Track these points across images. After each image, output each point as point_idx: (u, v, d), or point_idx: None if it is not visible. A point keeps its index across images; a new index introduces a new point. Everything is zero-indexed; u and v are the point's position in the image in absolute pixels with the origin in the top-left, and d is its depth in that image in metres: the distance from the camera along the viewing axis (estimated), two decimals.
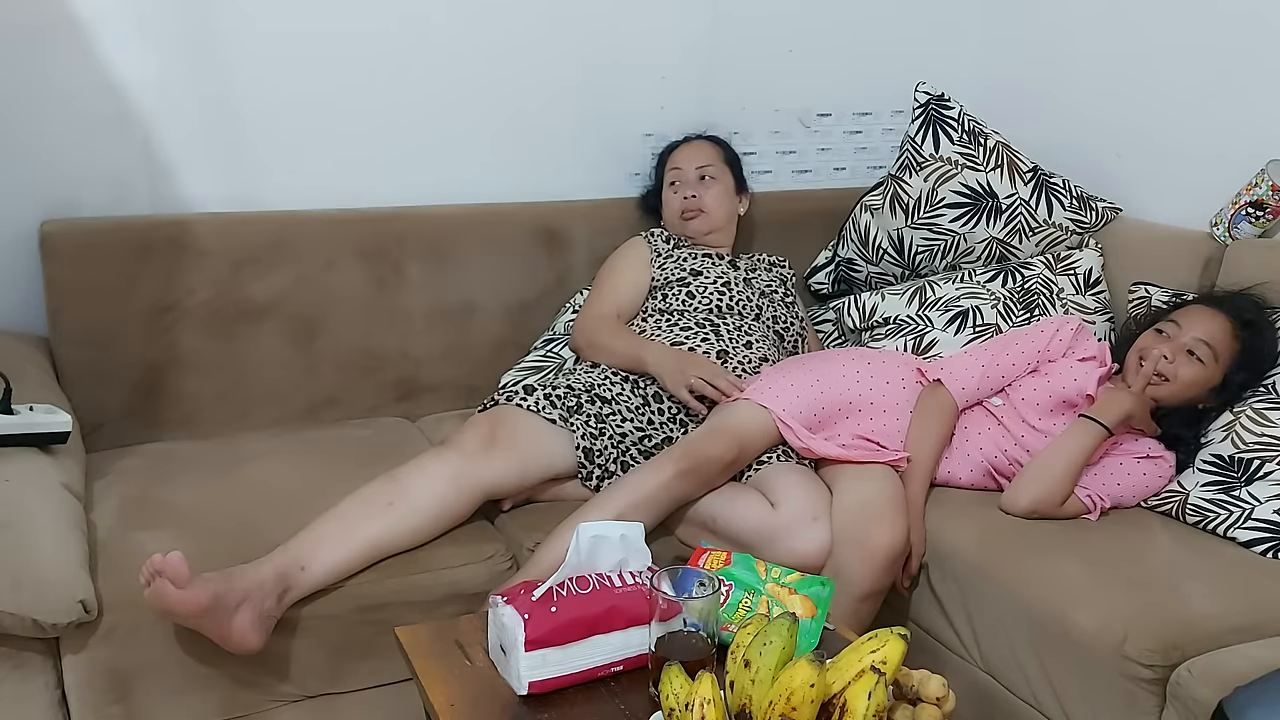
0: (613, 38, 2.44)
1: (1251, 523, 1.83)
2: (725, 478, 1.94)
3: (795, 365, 2.14)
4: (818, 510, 1.88)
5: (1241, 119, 2.24)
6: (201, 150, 2.16)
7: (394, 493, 1.77)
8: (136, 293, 2.06)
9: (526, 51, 2.37)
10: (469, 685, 1.40)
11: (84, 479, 1.83)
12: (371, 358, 2.28)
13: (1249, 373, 1.97)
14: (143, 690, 1.59)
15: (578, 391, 2.05)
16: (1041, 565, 1.77)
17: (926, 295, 2.39)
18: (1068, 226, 2.41)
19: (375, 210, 2.28)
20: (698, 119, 2.51)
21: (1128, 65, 2.47)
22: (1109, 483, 1.97)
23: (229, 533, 1.73)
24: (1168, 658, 1.54)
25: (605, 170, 2.51)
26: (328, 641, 1.70)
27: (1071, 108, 2.59)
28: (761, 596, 1.50)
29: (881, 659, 1.20)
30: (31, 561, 1.49)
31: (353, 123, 2.26)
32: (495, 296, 2.36)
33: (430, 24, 2.27)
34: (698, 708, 1.16)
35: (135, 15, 2.04)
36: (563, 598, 1.39)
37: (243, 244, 2.14)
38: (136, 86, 2.08)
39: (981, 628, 1.80)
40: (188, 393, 2.13)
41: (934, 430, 2.03)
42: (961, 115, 2.42)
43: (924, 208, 2.42)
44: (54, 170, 2.06)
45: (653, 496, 1.85)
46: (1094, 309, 2.33)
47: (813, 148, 2.75)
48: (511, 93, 2.38)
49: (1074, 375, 2.05)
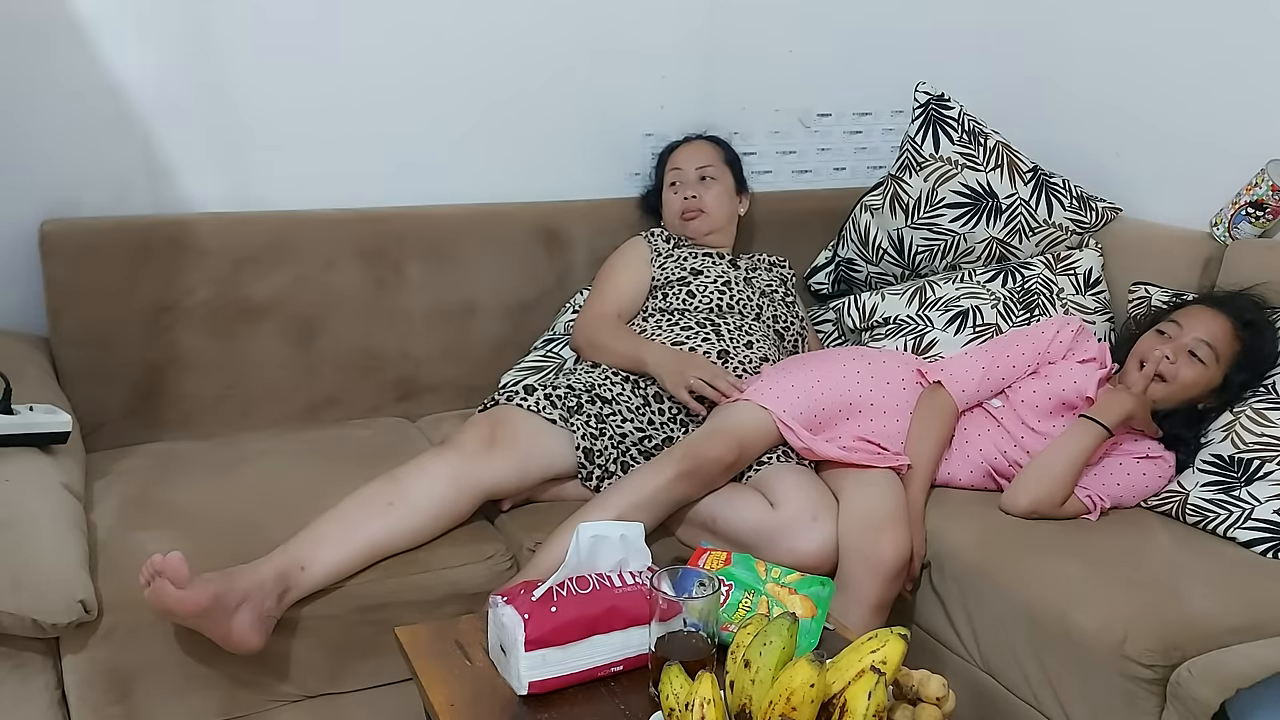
0: (613, 38, 2.44)
1: (1251, 523, 1.83)
2: (726, 479, 1.94)
3: (796, 365, 2.14)
4: (817, 510, 1.88)
5: (1241, 119, 2.24)
6: (201, 150, 2.16)
7: (394, 493, 1.77)
8: (136, 293, 2.06)
9: (527, 51, 2.37)
10: (469, 685, 1.40)
11: (84, 479, 1.83)
12: (371, 358, 2.28)
13: (1249, 373, 1.97)
14: (143, 690, 1.59)
15: (578, 392, 2.05)
16: (1041, 565, 1.77)
17: (926, 295, 2.39)
18: (1068, 226, 2.41)
19: (375, 210, 2.28)
20: (698, 119, 2.51)
21: (1128, 65, 2.47)
22: (1109, 483, 1.97)
23: (229, 533, 1.73)
24: (1168, 658, 1.54)
25: (605, 170, 2.51)
26: (328, 641, 1.70)
27: (1071, 108, 2.59)
28: (761, 596, 1.50)
29: (881, 659, 1.20)
30: (31, 561, 1.49)
31: (353, 123, 2.26)
32: (495, 296, 2.36)
33: (430, 24, 2.27)
34: (698, 708, 1.16)
35: (135, 15, 2.04)
36: (563, 598, 1.39)
37: (243, 244, 2.14)
38: (136, 86, 2.08)
39: (981, 628, 1.80)
40: (188, 393, 2.13)
41: (934, 433, 2.03)
42: (961, 115, 2.42)
43: (924, 208, 2.42)
44: (54, 170, 2.06)
45: (653, 498, 1.85)
46: (1094, 309, 2.33)
47: (813, 148, 2.75)
48: (512, 93, 2.38)
49: (1074, 377, 2.05)
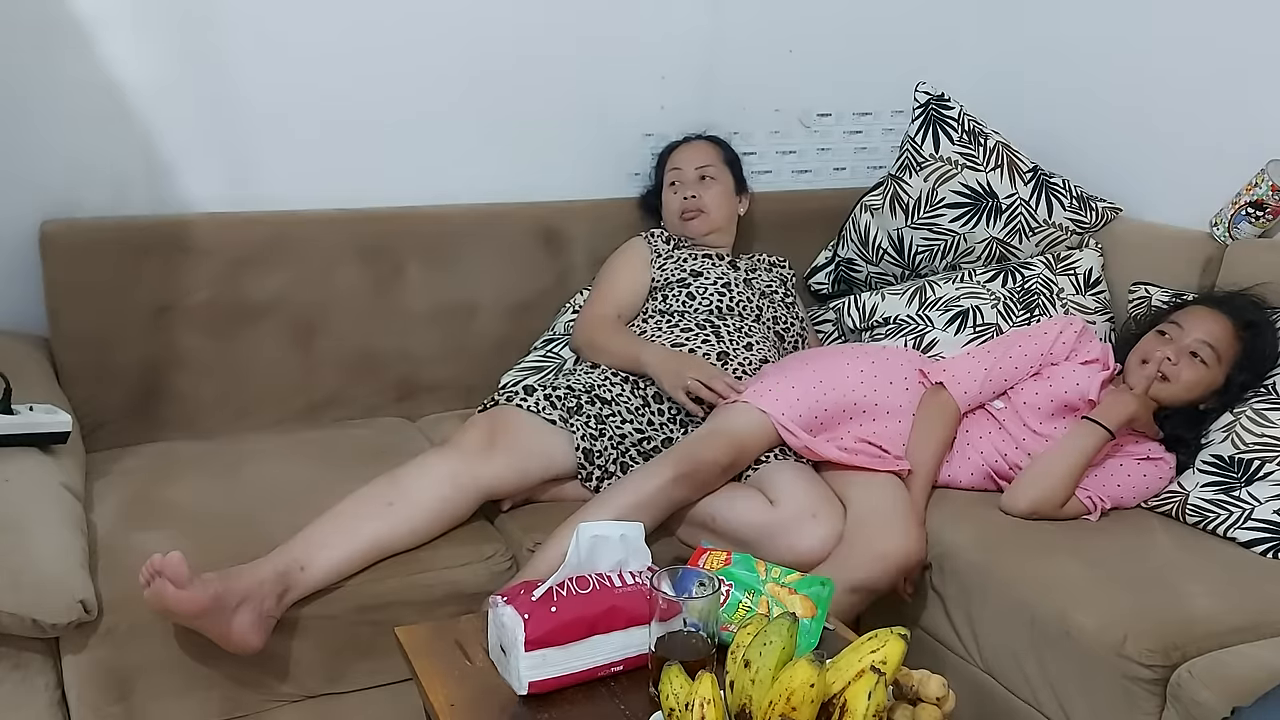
0: (613, 38, 2.44)
1: (1251, 523, 1.83)
2: (723, 481, 1.94)
3: (798, 364, 2.13)
4: (816, 507, 1.88)
5: (1241, 119, 2.24)
6: (201, 150, 2.16)
7: (394, 493, 1.77)
8: (136, 293, 2.06)
9: (527, 51, 2.37)
10: (469, 685, 1.40)
11: (84, 479, 1.83)
12: (371, 358, 2.28)
13: (1250, 374, 1.97)
14: (143, 690, 1.59)
15: (578, 392, 2.05)
16: (1041, 565, 1.77)
17: (926, 295, 2.38)
18: (1068, 226, 2.41)
19: (375, 210, 2.28)
20: (698, 119, 2.51)
21: (1128, 65, 2.46)
22: (1109, 484, 1.97)
23: (229, 533, 1.73)
24: (1168, 658, 1.54)
25: (605, 170, 2.51)
26: (328, 641, 1.70)
27: (1071, 108, 2.59)
28: (761, 596, 1.50)
29: (881, 659, 1.20)
30: (31, 561, 1.49)
31: (353, 122, 2.25)
32: (495, 296, 2.36)
33: (430, 24, 2.27)
34: (698, 708, 1.16)
35: (135, 15, 2.04)
36: (563, 598, 1.39)
37: (243, 244, 2.14)
38: (136, 86, 2.07)
39: (981, 628, 1.80)
40: (188, 393, 2.13)
41: (936, 435, 2.03)
42: (961, 115, 2.42)
43: (924, 208, 2.42)
44: (54, 170, 2.06)
45: (651, 500, 1.85)
46: (1094, 309, 2.33)
47: (813, 148, 2.75)
48: (511, 92, 2.38)
49: (1076, 380, 2.04)
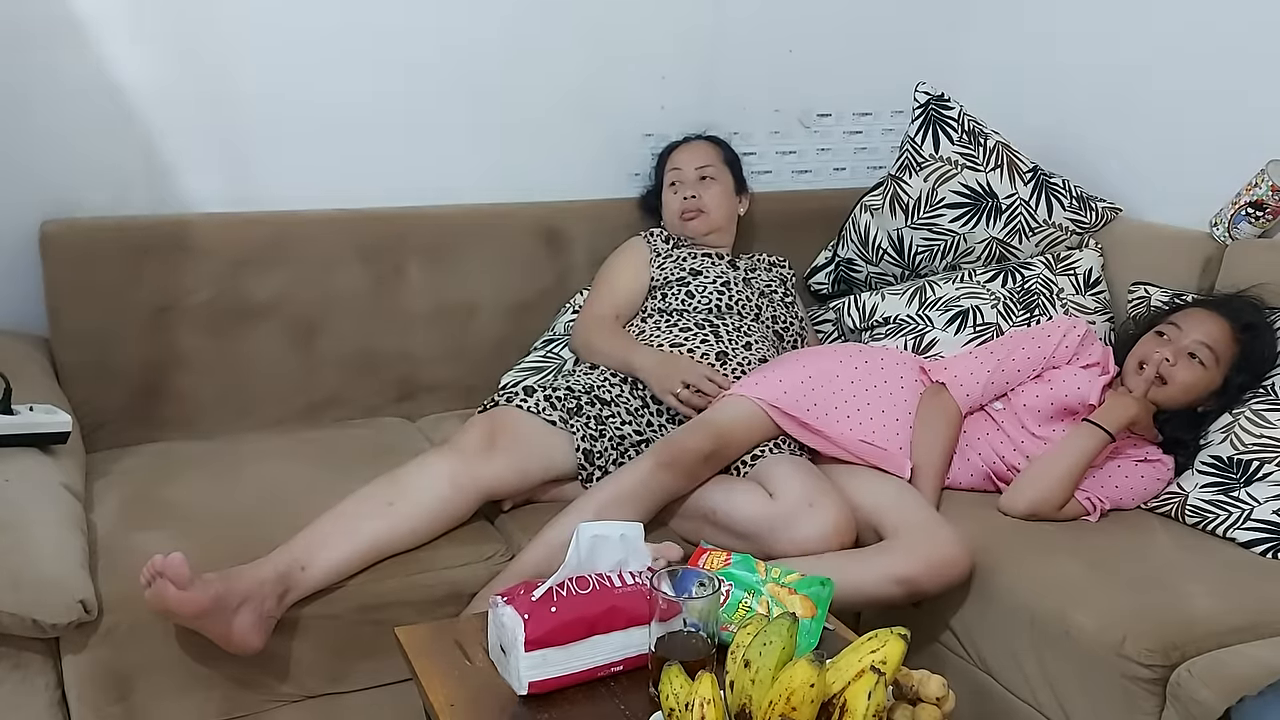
0: (613, 38, 2.44)
1: (1251, 523, 1.83)
2: (709, 471, 1.93)
3: (789, 360, 2.13)
4: (813, 496, 1.86)
5: (1241, 119, 2.24)
6: (201, 150, 2.16)
7: (394, 493, 1.77)
8: (136, 293, 2.06)
9: (527, 51, 2.37)
10: (469, 685, 1.40)
11: (84, 479, 1.83)
12: (371, 358, 2.27)
13: (1248, 375, 1.97)
14: (143, 690, 1.59)
15: (577, 393, 2.05)
16: (1041, 565, 1.77)
17: (926, 295, 2.38)
18: (1068, 226, 2.41)
19: (375, 210, 2.28)
20: (698, 119, 2.51)
21: (1128, 65, 2.46)
22: (1108, 485, 1.97)
23: (229, 533, 1.73)
24: (1167, 658, 1.54)
25: (605, 170, 2.51)
26: (328, 641, 1.70)
27: (1072, 108, 2.59)
28: (761, 596, 1.50)
29: (881, 659, 1.20)
30: (31, 561, 1.49)
31: (353, 123, 2.25)
32: (495, 296, 2.36)
33: (430, 24, 2.27)
34: (698, 708, 1.16)
35: (135, 15, 2.04)
36: (563, 598, 1.39)
37: (243, 244, 2.14)
38: (136, 86, 2.07)
39: (981, 627, 1.80)
40: (188, 393, 2.13)
41: (941, 436, 2.03)
42: (961, 115, 2.42)
43: (924, 208, 2.42)
44: (54, 170, 2.06)
45: (634, 491, 1.85)
46: (1094, 309, 2.33)
47: (813, 148, 2.75)
48: (511, 92, 2.38)
49: (1077, 384, 2.04)
